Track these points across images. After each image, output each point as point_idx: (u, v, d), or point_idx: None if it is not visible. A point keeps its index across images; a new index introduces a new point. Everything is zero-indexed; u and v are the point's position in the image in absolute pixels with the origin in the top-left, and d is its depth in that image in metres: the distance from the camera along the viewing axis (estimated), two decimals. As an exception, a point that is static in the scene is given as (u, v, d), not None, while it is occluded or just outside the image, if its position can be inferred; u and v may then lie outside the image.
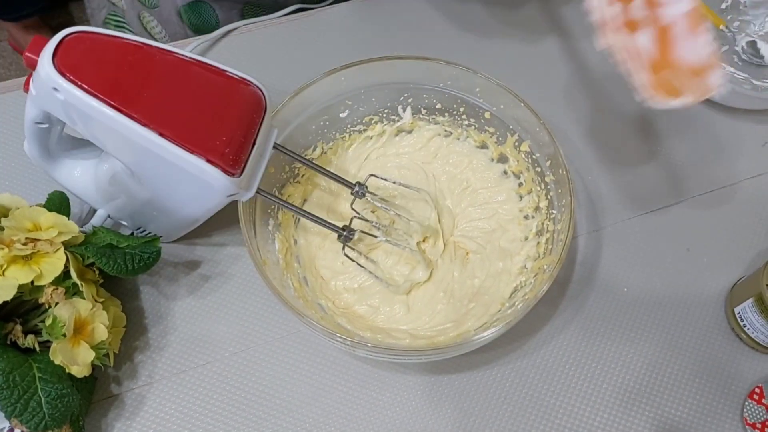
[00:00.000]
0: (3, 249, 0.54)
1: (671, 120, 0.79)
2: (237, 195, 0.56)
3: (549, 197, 0.65)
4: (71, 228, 0.58)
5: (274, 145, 0.60)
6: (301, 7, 0.85)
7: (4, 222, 0.56)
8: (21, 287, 0.55)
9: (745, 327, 0.65)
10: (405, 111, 0.71)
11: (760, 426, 0.62)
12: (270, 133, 0.60)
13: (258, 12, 0.89)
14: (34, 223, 0.57)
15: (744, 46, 0.81)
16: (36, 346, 0.56)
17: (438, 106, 0.71)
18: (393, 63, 0.67)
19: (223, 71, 0.56)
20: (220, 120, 0.54)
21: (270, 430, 0.62)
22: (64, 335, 0.54)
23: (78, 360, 0.55)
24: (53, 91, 0.50)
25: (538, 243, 0.66)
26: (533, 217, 0.68)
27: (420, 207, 0.70)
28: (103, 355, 0.58)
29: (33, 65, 0.51)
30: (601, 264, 0.70)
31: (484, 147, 0.72)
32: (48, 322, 0.55)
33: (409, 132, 0.73)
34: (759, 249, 0.71)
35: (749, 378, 0.66)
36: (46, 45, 0.51)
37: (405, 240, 0.67)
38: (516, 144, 0.68)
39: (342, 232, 0.62)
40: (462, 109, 0.70)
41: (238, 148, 0.54)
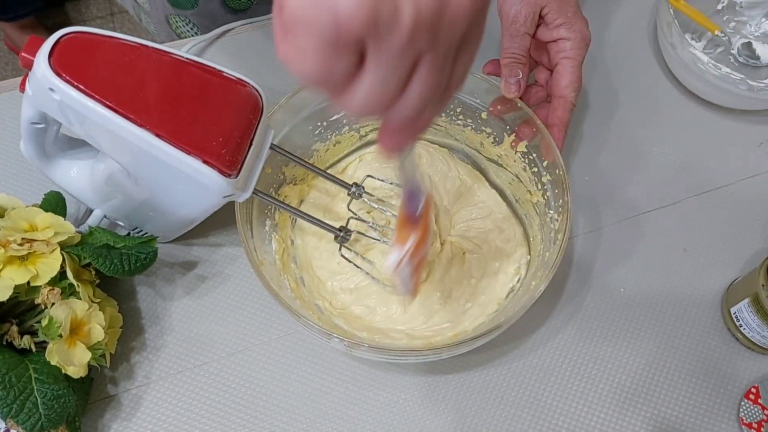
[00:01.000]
0: (-1, 249, 0.54)
1: (668, 121, 0.79)
2: (233, 196, 0.56)
3: (546, 197, 0.65)
4: (67, 228, 0.58)
5: (270, 146, 0.60)
6: None
7: (0, 222, 0.56)
8: (17, 288, 0.54)
9: (742, 327, 0.65)
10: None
11: (756, 425, 0.63)
12: (267, 134, 0.60)
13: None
14: (30, 224, 0.57)
15: (740, 47, 0.81)
16: (32, 346, 0.56)
17: (435, 106, 0.70)
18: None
19: (220, 72, 0.56)
20: (216, 121, 0.54)
21: (267, 430, 0.62)
22: (60, 336, 0.54)
23: (74, 360, 0.55)
24: (49, 92, 0.50)
25: (534, 243, 0.67)
26: (530, 218, 0.68)
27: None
28: (100, 356, 0.58)
29: (29, 65, 0.51)
30: (598, 264, 0.70)
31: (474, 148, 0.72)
32: (44, 322, 0.55)
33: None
34: (755, 249, 0.72)
35: (745, 378, 0.66)
36: (42, 45, 0.51)
37: None
38: (513, 144, 0.68)
39: (339, 232, 0.62)
40: (459, 110, 0.70)
41: (234, 148, 0.54)
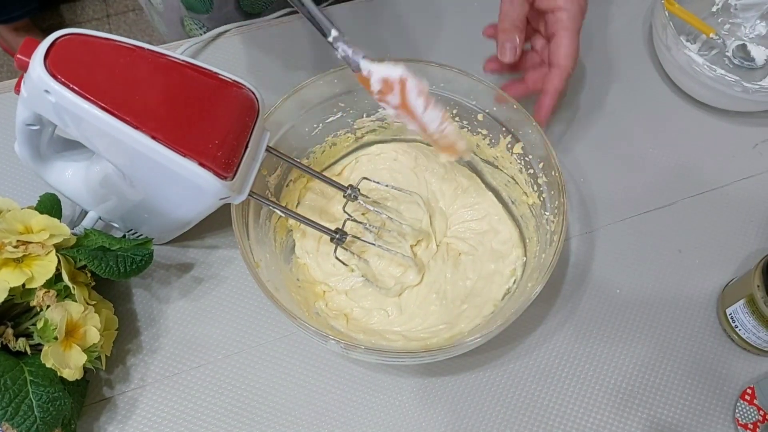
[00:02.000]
0: (-6, 252, 0.54)
1: (663, 122, 0.79)
2: (229, 198, 0.56)
3: (542, 199, 0.65)
4: (63, 230, 0.58)
5: (266, 148, 0.60)
6: (293, 10, 0.85)
7: (-5, 224, 0.56)
8: (12, 290, 0.54)
9: (737, 328, 0.65)
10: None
11: (751, 426, 0.63)
12: (263, 136, 0.59)
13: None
14: (25, 226, 0.57)
15: (734, 49, 0.81)
16: (27, 349, 0.56)
17: (431, 108, 0.71)
18: (386, 65, 0.67)
19: (216, 74, 0.56)
20: (212, 123, 0.54)
21: (263, 432, 0.62)
22: (55, 338, 0.54)
23: (70, 363, 0.55)
24: (44, 94, 0.50)
25: (530, 245, 0.67)
26: (525, 220, 0.68)
27: (412, 210, 0.70)
28: (95, 358, 0.58)
29: (24, 67, 0.51)
30: (594, 266, 0.71)
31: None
32: (39, 325, 0.55)
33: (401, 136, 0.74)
34: (750, 250, 0.72)
35: (741, 379, 0.66)
36: (37, 47, 0.50)
37: (396, 243, 0.67)
38: (509, 146, 0.68)
39: (334, 234, 0.62)
40: (455, 111, 0.70)
41: (230, 151, 0.54)
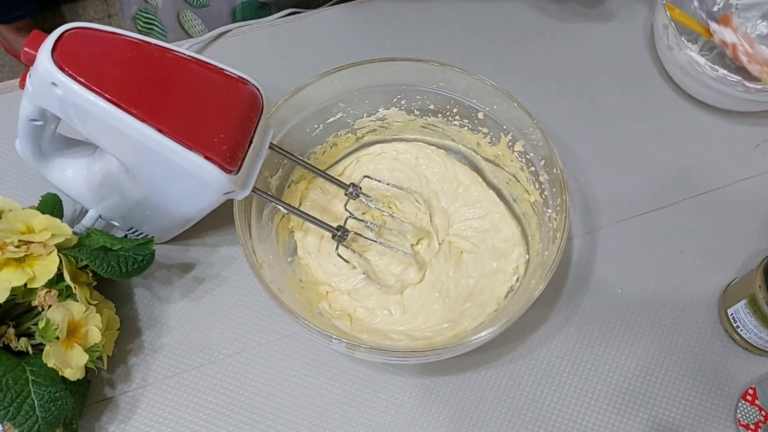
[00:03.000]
0: (-4, 251, 0.54)
1: (665, 123, 0.79)
2: (233, 193, 0.56)
3: (544, 197, 0.65)
4: (64, 230, 0.58)
5: (270, 145, 0.60)
6: (294, 11, 0.85)
7: (-4, 224, 0.56)
8: (14, 290, 0.54)
9: (738, 328, 0.65)
10: (398, 113, 0.72)
11: (753, 427, 0.63)
12: (266, 133, 0.60)
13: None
14: (27, 226, 0.57)
15: (736, 48, 0.81)
16: (29, 349, 0.56)
17: (431, 107, 0.71)
18: (386, 65, 0.67)
19: (221, 69, 0.56)
20: (217, 117, 0.54)
21: (264, 432, 0.62)
22: (57, 338, 0.54)
23: (71, 363, 0.55)
24: (51, 86, 0.50)
25: (533, 243, 0.67)
26: (528, 218, 0.68)
27: (413, 208, 0.70)
28: (97, 358, 0.58)
29: (31, 60, 0.51)
30: (596, 266, 0.71)
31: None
32: (41, 324, 0.55)
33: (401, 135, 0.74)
34: (751, 250, 0.72)
35: (742, 379, 0.66)
36: (45, 40, 0.50)
37: (398, 241, 0.67)
38: (510, 144, 0.68)
39: (336, 232, 0.62)
40: (455, 110, 0.70)
41: (235, 145, 0.54)
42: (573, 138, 0.77)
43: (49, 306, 0.55)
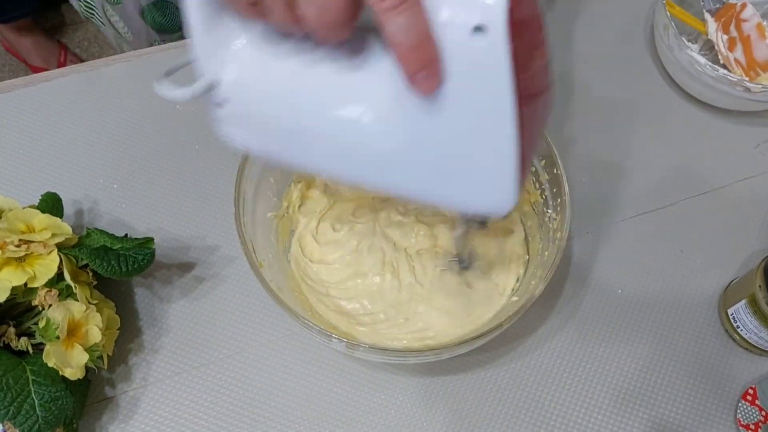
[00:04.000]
0: (-4, 251, 0.54)
1: (665, 122, 0.79)
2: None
3: (544, 197, 0.65)
4: (65, 230, 0.58)
5: None
6: None
7: (-3, 224, 0.56)
8: (14, 289, 0.54)
9: (739, 328, 0.65)
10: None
11: (753, 427, 0.63)
12: None
13: None
14: (27, 225, 0.57)
15: (736, 48, 0.81)
16: (29, 348, 0.56)
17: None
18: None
19: None
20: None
21: (265, 432, 0.62)
22: (57, 337, 0.54)
23: (71, 362, 0.55)
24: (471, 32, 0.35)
25: (533, 243, 0.67)
26: (528, 218, 0.68)
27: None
28: (97, 358, 0.58)
29: None
30: (596, 265, 0.71)
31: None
32: (41, 324, 0.55)
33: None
34: (752, 250, 0.72)
35: (742, 379, 0.66)
36: None
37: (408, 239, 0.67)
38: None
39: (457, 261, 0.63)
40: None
41: (526, 170, 0.44)
42: (573, 137, 0.77)
43: (50, 305, 0.55)
